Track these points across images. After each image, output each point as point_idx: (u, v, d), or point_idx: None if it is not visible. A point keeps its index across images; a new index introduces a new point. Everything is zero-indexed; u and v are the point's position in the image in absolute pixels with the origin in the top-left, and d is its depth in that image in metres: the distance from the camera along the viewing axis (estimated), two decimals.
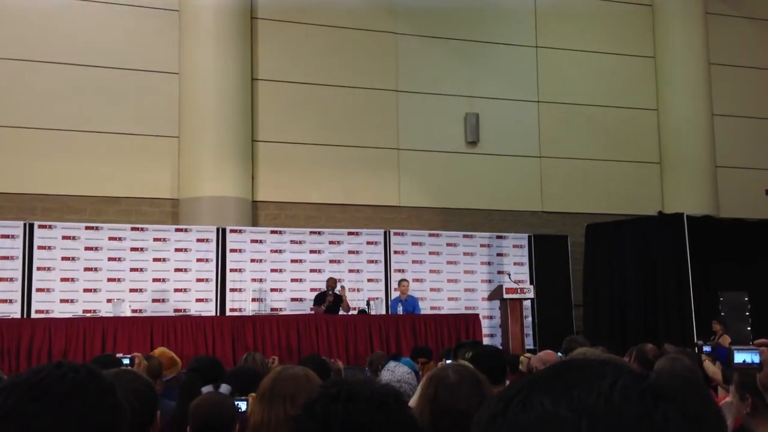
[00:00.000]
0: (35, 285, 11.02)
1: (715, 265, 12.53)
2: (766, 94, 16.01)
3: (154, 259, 11.55)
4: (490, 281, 12.98)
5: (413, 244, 12.90)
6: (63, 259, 11.19)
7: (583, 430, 0.66)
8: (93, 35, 12.39)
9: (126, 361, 4.63)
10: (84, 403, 1.24)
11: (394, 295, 12.18)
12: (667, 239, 12.55)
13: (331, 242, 12.45)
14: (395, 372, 7.24)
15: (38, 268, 11.07)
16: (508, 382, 4.10)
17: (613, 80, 15.28)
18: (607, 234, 13.30)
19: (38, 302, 10.98)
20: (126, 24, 12.57)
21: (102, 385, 1.28)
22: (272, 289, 12.00)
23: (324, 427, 1.49)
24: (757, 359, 2.53)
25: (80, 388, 1.25)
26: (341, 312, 11.35)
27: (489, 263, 13.22)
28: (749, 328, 12.14)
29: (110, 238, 11.42)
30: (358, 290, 12.32)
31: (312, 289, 11.82)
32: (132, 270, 11.44)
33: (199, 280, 11.70)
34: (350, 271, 12.41)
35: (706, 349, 6.17)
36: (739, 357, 2.62)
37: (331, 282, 11.55)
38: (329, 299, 11.33)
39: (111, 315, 10.38)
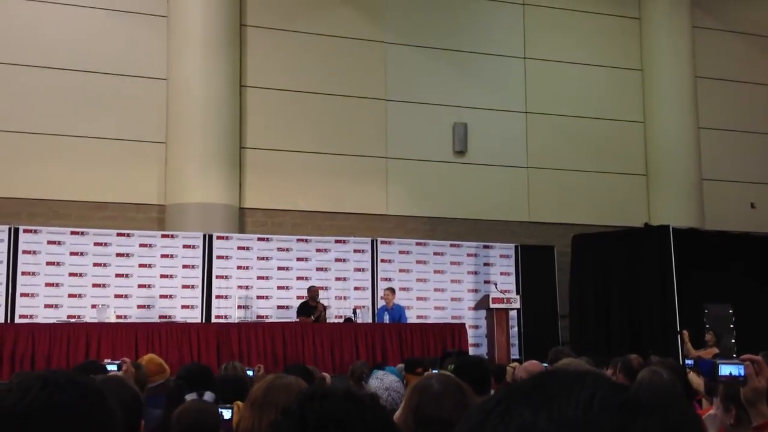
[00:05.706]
0: (19, 290, 10.92)
1: (700, 278, 12.57)
2: (751, 108, 16.13)
3: (140, 265, 11.47)
4: (476, 291, 12.97)
5: (400, 252, 12.88)
6: (48, 264, 11.10)
7: None
8: (81, 40, 12.34)
9: (113, 367, 4.57)
10: (74, 426, 1.23)
11: (381, 303, 12.15)
12: (653, 251, 12.59)
13: (318, 250, 12.42)
14: (384, 380, 7.22)
15: (23, 273, 10.97)
16: (492, 392, 4.09)
17: (601, 92, 15.36)
18: (594, 245, 13.34)
19: (22, 307, 10.88)
20: (114, 29, 12.53)
21: (91, 401, 1.26)
22: (258, 297, 11.94)
23: (301, 424, 1.50)
24: (742, 372, 2.54)
25: (69, 409, 1.23)
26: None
27: (476, 273, 13.21)
28: (733, 341, 12.19)
29: (96, 244, 11.34)
30: (345, 298, 12.28)
31: (299, 297, 11.77)
32: (117, 276, 11.36)
33: (185, 286, 11.63)
34: (337, 279, 12.38)
35: (689, 362, 6.18)
36: (725, 370, 2.63)
37: (314, 291, 11.49)
38: (320, 309, 11.26)
39: (96, 321, 10.30)
